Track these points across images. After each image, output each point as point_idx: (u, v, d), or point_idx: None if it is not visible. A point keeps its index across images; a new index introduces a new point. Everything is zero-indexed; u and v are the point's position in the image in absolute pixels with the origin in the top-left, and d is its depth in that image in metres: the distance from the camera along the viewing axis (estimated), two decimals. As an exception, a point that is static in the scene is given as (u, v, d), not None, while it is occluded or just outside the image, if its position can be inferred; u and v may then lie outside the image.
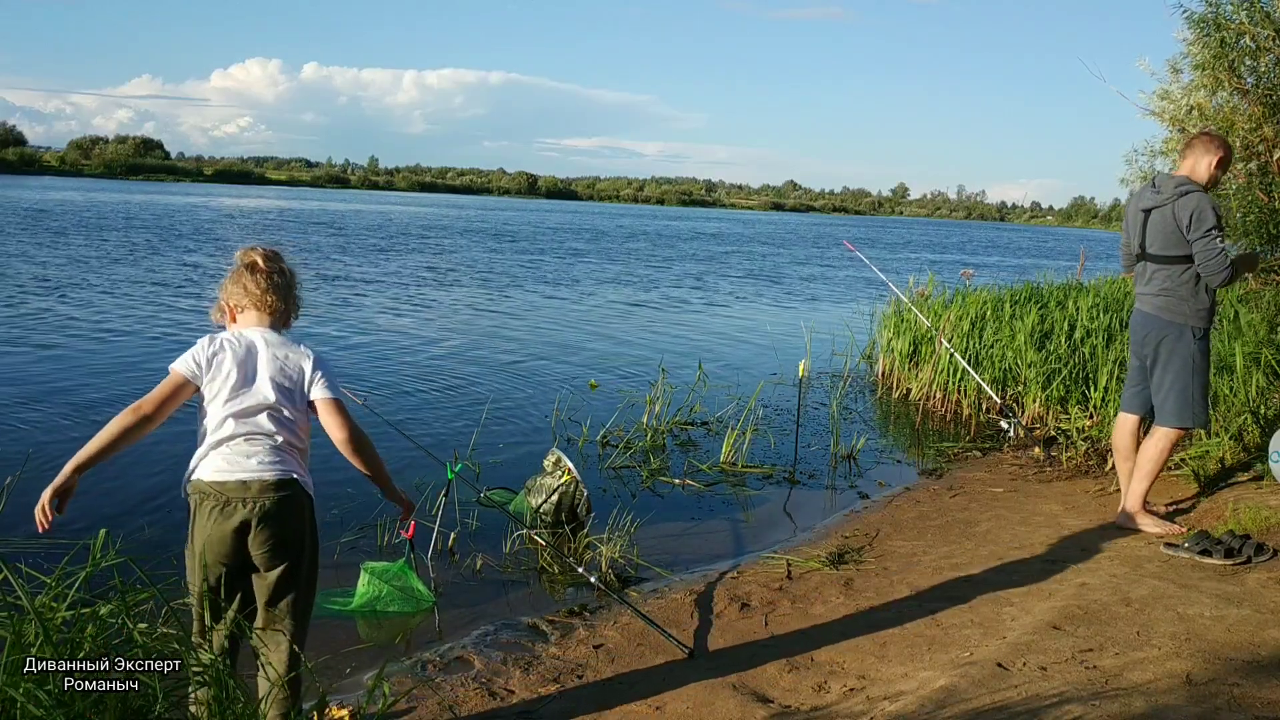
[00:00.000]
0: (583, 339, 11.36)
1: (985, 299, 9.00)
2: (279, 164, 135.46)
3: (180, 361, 2.60)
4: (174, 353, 2.69)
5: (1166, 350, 4.42)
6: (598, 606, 4.00)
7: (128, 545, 2.46)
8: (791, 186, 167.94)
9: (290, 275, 2.76)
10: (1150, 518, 4.56)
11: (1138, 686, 2.80)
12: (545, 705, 3.13)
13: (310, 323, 11.34)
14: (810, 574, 4.34)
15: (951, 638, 3.47)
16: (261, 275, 2.68)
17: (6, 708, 1.83)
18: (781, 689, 3.20)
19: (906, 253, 37.42)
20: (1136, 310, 4.58)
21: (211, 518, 2.47)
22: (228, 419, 2.54)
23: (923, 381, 8.27)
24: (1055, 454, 6.35)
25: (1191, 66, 7.39)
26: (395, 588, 3.93)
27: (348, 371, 8.45)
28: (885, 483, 6.06)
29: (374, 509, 5.01)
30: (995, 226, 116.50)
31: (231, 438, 2.53)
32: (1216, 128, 6.88)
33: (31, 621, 1.97)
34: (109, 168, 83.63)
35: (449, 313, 13.11)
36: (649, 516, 5.04)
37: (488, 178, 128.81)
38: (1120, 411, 4.81)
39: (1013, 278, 13.70)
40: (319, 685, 2.80)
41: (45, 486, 2.44)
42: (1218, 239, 4.20)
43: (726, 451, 6.25)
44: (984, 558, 4.41)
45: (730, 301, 16.63)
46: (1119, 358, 6.87)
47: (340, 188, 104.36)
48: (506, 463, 6.04)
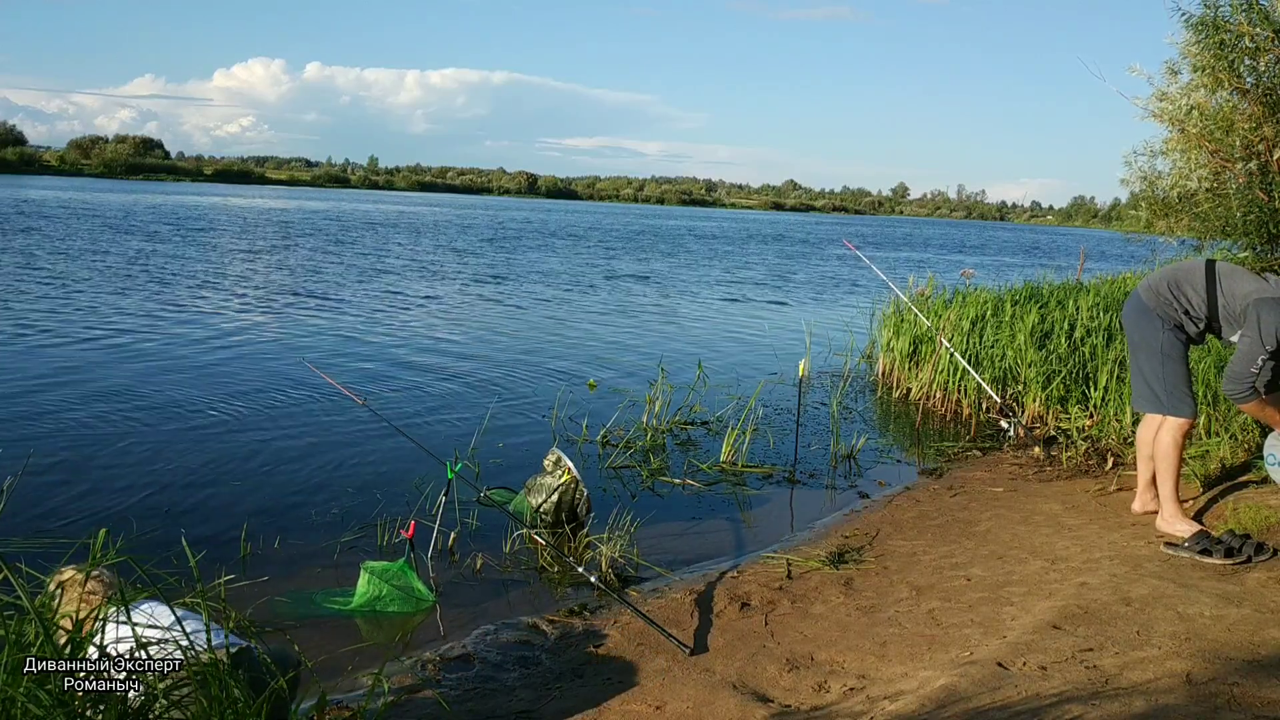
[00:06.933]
0: (583, 338, 11.36)
1: (985, 299, 9.00)
2: (279, 164, 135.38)
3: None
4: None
5: (1139, 335, 4.45)
6: (598, 606, 4.00)
7: (128, 545, 2.46)
8: (791, 186, 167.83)
9: None
10: (1186, 522, 4.39)
11: (1138, 686, 2.80)
12: (545, 705, 3.13)
13: (310, 322, 11.34)
14: (810, 574, 4.35)
15: (951, 637, 3.47)
16: None
17: (6, 708, 1.83)
18: (781, 689, 3.20)
19: (906, 252, 37.41)
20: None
21: None
22: None
23: (923, 381, 8.27)
24: (1055, 453, 6.35)
25: (1191, 68, 7.39)
26: (395, 587, 3.93)
27: (347, 371, 8.45)
28: (885, 482, 6.06)
29: (374, 509, 5.02)
30: (995, 226, 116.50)
31: None
32: (1216, 127, 6.88)
33: (31, 621, 1.97)
34: (109, 167, 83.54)
35: (449, 312, 13.11)
36: (649, 516, 5.04)
37: (488, 177, 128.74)
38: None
39: (1013, 277, 13.70)
40: (319, 685, 2.80)
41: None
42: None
43: (726, 451, 6.25)
44: (984, 557, 4.41)
45: (730, 301, 16.63)
46: (1119, 357, 6.87)
47: (340, 187, 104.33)
48: (506, 463, 6.04)
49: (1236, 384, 4.14)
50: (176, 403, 6.88)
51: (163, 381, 7.59)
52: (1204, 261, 4.43)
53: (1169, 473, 4.44)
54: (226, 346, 9.36)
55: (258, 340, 9.88)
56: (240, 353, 9.09)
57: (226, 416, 6.63)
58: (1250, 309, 4.09)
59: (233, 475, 5.45)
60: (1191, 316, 4.35)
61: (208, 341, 9.58)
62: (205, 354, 8.88)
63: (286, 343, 9.83)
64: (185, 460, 5.62)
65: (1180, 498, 4.53)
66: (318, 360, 8.41)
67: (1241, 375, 4.12)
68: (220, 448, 5.92)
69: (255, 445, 6.03)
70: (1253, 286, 4.16)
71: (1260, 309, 4.05)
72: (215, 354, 8.93)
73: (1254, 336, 4.06)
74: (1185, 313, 4.36)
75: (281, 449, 6.00)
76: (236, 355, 8.95)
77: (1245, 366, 4.10)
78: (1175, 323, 4.38)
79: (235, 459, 5.73)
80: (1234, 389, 4.17)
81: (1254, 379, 4.10)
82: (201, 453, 5.78)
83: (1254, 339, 4.06)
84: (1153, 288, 4.46)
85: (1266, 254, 7.52)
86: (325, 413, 6.94)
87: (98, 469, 5.35)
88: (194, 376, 7.85)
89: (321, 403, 7.18)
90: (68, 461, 5.41)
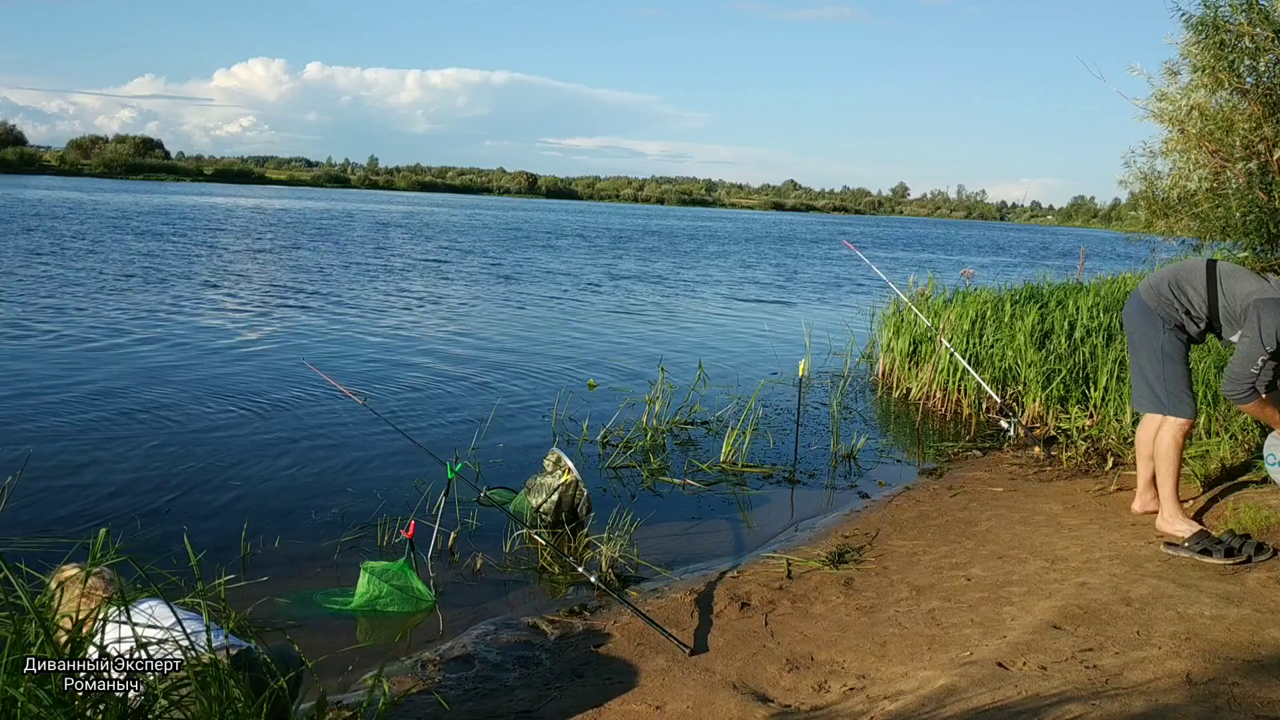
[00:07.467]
0: (583, 338, 11.36)
1: (985, 299, 9.00)
2: (280, 164, 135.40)
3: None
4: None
5: (1139, 335, 4.45)
6: (598, 606, 4.00)
7: (128, 545, 2.46)
8: (792, 186, 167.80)
9: None
10: (1186, 522, 4.38)
11: (1138, 686, 2.80)
12: (545, 705, 3.13)
13: (310, 322, 11.34)
14: (810, 574, 4.35)
15: (951, 637, 3.47)
16: None
17: (6, 708, 1.83)
18: (781, 689, 3.20)
19: (906, 251, 37.41)
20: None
21: None
22: None
23: (923, 381, 8.27)
24: (1055, 453, 6.35)
25: (1191, 68, 7.39)
26: (395, 587, 3.93)
27: (347, 371, 8.45)
28: (885, 482, 6.06)
29: (374, 509, 5.02)
30: (995, 226, 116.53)
31: None
32: (1216, 127, 6.89)
33: (31, 621, 1.97)
34: (109, 167, 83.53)
35: (449, 312, 13.11)
36: (649, 516, 5.04)
37: (488, 177, 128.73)
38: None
39: (1013, 277, 13.70)
40: (319, 685, 2.80)
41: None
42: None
43: (726, 451, 6.25)
44: (984, 557, 4.41)
45: (730, 301, 16.63)
46: (1119, 357, 6.87)
47: (340, 187, 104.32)
48: (506, 463, 6.04)
49: (1236, 385, 4.14)
50: (176, 402, 6.88)
51: (163, 381, 7.59)
52: (1205, 261, 4.43)
53: (1169, 473, 4.44)
54: (226, 346, 9.37)
55: (257, 340, 9.88)
56: (240, 353, 9.09)
57: (226, 416, 6.63)
58: (1250, 309, 4.09)
59: (232, 475, 5.45)
60: (1192, 316, 4.35)
61: (208, 341, 9.58)
62: (205, 354, 8.88)
63: (286, 343, 9.83)
64: (185, 460, 5.62)
65: (1180, 498, 4.53)
66: (317, 360, 8.41)
67: (1241, 376, 4.12)
68: (220, 448, 5.92)
69: (255, 445, 6.04)
70: (1253, 287, 4.16)
71: (1260, 309, 4.05)
72: (215, 354, 8.93)
73: (1254, 337, 4.06)
74: (1186, 313, 4.35)
75: (281, 449, 6.00)
76: (236, 355, 8.95)
77: (1245, 367, 4.10)
78: (1176, 323, 4.38)
79: (235, 459, 5.73)
80: (1233, 389, 4.17)
81: (1254, 379, 4.10)
82: (201, 453, 5.78)
83: (1254, 339, 4.06)
84: (1153, 287, 4.46)
85: (1266, 254, 7.52)
86: (325, 413, 6.94)
87: (98, 469, 5.35)
88: (194, 376, 7.85)
89: (321, 403, 7.18)
90: (68, 461, 5.41)
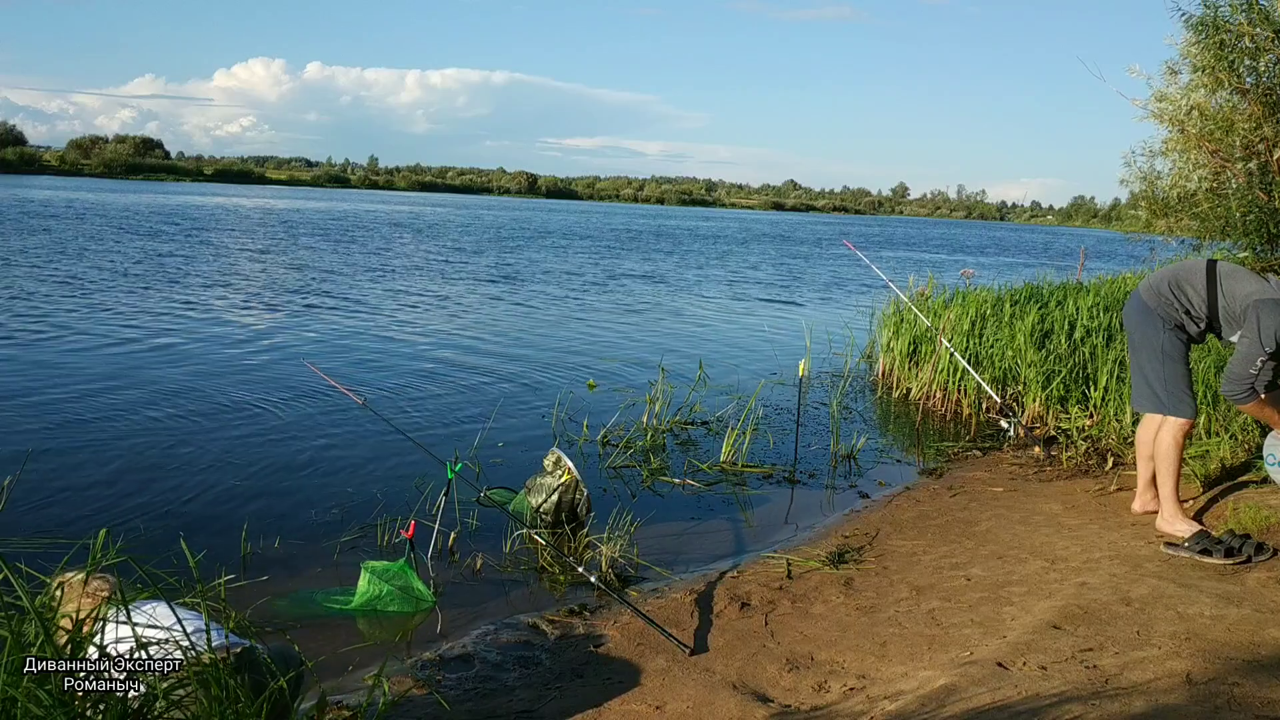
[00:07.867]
0: (582, 338, 11.36)
1: (985, 299, 9.00)
2: (280, 164, 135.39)
3: None
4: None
5: (1139, 335, 4.45)
6: (598, 606, 4.00)
7: (128, 545, 2.46)
8: (792, 186, 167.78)
9: None
10: (1186, 522, 4.38)
11: (1138, 686, 2.80)
12: (545, 705, 3.13)
13: (310, 322, 11.34)
14: (810, 574, 4.35)
15: (951, 637, 3.47)
16: None
17: (6, 708, 1.83)
18: (781, 689, 3.20)
19: (906, 251, 37.41)
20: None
21: None
22: None
23: (923, 381, 8.27)
24: (1055, 453, 6.36)
25: (1191, 68, 7.40)
26: (395, 587, 3.93)
27: (347, 371, 8.45)
28: (885, 482, 6.06)
29: (374, 509, 5.02)
30: (995, 226, 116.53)
31: None
32: (1216, 127, 6.89)
33: (32, 621, 1.97)
34: (109, 167, 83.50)
35: (449, 312, 13.11)
36: (649, 516, 5.04)
37: (488, 177, 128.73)
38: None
39: (1013, 276, 13.71)
40: (319, 685, 2.80)
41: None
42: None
43: (726, 451, 6.25)
44: (984, 557, 4.41)
45: (730, 301, 16.63)
46: (1119, 357, 6.87)
47: (340, 187, 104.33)
48: (506, 463, 6.04)
49: (1235, 385, 4.14)
50: (177, 402, 6.88)
51: (163, 381, 7.59)
52: (1205, 261, 4.43)
53: (1169, 473, 4.44)
54: (227, 346, 9.36)
55: (258, 340, 9.88)
56: (240, 353, 9.09)
57: (226, 416, 6.63)
58: (1250, 310, 4.09)
59: (232, 475, 5.45)
60: (1192, 316, 4.35)
61: (208, 341, 9.58)
62: (205, 354, 8.88)
63: (286, 343, 9.83)
64: (185, 460, 5.62)
65: (1180, 498, 4.53)
66: (317, 360, 8.41)
67: (1240, 376, 4.12)
68: (220, 448, 5.92)
69: (255, 445, 6.03)
70: (1253, 287, 4.15)
71: (1260, 310, 4.05)
72: (216, 354, 8.93)
73: (1253, 337, 4.06)
74: (1186, 313, 4.36)
75: (281, 449, 6.00)
76: (237, 355, 8.95)
77: (1244, 368, 4.10)
78: (1176, 323, 4.38)
79: (235, 459, 5.73)
80: (1233, 390, 4.17)
81: (1253, 380, 4.10)
82: (201, 452, 5.78)
83: (1253, 340, 4.06)
84: (1153, 287, 4.46)
85: (1266, 254, 7.52)
86: (325, 413, 6.94)
87: (98, 469, 5.35)
88: (194, 376, 7.85)
89: (321, 403, 7.18)
90: (68, 461, 5.41)
